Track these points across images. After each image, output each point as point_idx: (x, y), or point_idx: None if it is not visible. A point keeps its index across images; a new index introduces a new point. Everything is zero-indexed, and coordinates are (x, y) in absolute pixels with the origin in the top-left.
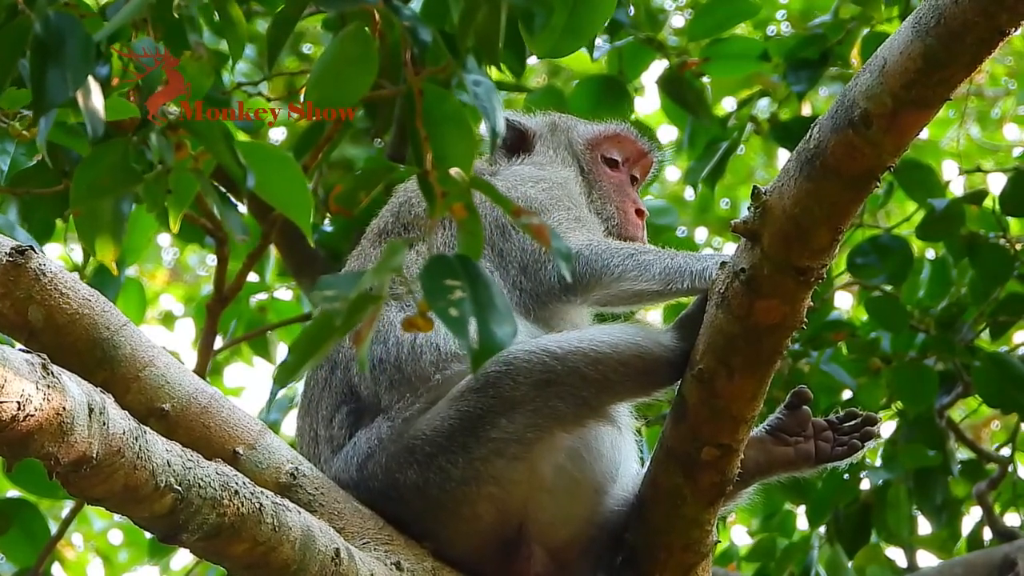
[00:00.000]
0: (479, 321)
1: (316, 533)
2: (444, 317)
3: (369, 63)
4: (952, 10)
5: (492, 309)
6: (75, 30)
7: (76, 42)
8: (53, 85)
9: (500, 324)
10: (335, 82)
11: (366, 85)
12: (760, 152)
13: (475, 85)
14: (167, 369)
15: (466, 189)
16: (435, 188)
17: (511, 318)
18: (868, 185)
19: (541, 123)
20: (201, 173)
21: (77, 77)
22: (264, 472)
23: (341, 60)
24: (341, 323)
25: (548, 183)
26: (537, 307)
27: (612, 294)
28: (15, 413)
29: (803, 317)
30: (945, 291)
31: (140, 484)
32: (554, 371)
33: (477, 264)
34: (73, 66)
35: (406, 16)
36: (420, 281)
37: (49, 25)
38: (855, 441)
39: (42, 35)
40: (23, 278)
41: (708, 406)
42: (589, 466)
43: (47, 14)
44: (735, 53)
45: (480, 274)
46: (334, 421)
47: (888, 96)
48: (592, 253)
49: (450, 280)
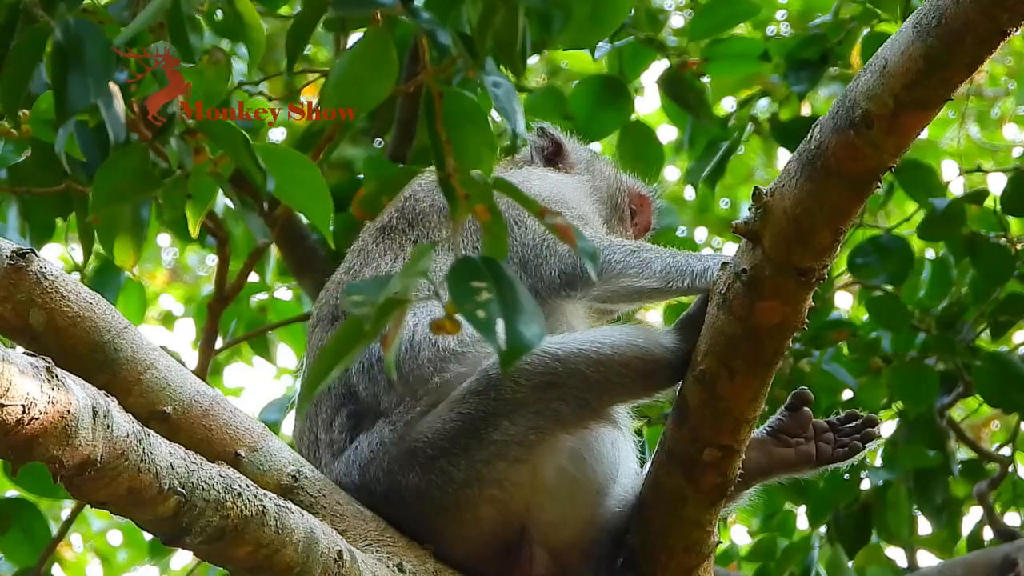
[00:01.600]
0: (507, 322)
1: (319, 535)
2: (472, 319)
3: (388, 68)
4: (953, 10)
5: (519, 309)
6: (95, 36)
7: (97, 48)
8: (75, 91)
9: (528, 324)
10: (354, 87)
11: (385, 90)
12: (760, 152)
13: (495, 87)
14: (168, 372)
15: (488, 191)
16: (458, 190)
17: (539, 318)
18: (869, 186)
19: (580, 149)
20: (221, 176)
21: (99, 83)
22: (266, 474)
23: (361, 65)
24: (369, 327)
25: (554, 181)
26: (543, 310)
27: (612, 290)
28: (20, 416)
29: (804, 318)
30: (945, 291)
31: (144, 487)
32: (556, 373)
33: (503, 265)
34: (95, 72)
35: (424, 20)
36: (447, 283)
37: (69, 31)
38: (856, 442)
39: (62, 41)
40: (24, 281)
41: (709, 407)
42: (591, 467)
43: (67, 20)
44: (735, 53)
45: (506, 275)
46: (334, 424)
47: (889, 97)
48: None
49: (476, 282)
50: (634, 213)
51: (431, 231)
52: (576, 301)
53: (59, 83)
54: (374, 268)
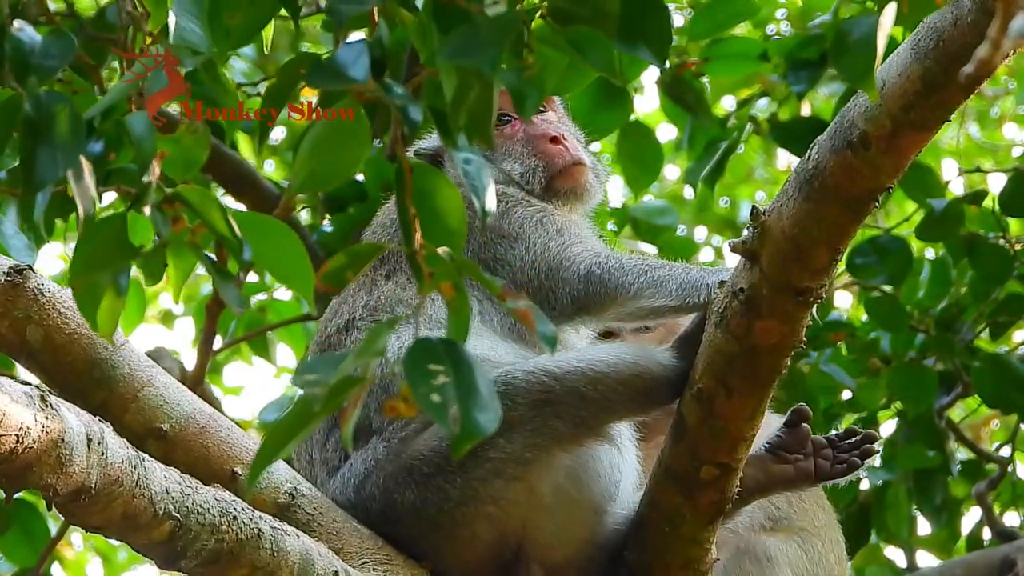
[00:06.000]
0: (461, 407)
1: (315, 557)
2: (425, 403)
3: (361, 138)
4: (951, 33)
5: (475, 395)
6: (66, 109)
7: (67, 122)
8: (43, 165)
9: (483, 410)
10: (326, 159)
11: (358, 161)
12: (760, 152)
13: (465, 163)
14: (165, 389)
15: (454, 270)
16: (423, 268)
17: (495, 403)
18: (867, 206)
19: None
20: (198, 247)
21: (68, 157)
22: (263, 492)
23: (331, 139)
24: (320, 408)
25: (540, 205)
26: None
27: (628, 312)
28: (14, 446)
29: (802, 337)
30: (945, 291)
31: (139, 512)
32: (552, 391)
33: (462, 348)
34: (63, 146)
35: (397, 95)
36: (403, 365)
37: (40, 105)
38: (855, 459)
39: (32, 115)
40: (21, 298)
41: (707, 425)
42: (587, 486)
43: (38, 94)
44: (735, 53)
45: (464, 359)
46: (328, 444)
47: (887, 118)
48: (604, 271)
49: (433, 365)
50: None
51: (403, 265)
52: (592, 325)
53: (28, 156)
54: (350, 304)
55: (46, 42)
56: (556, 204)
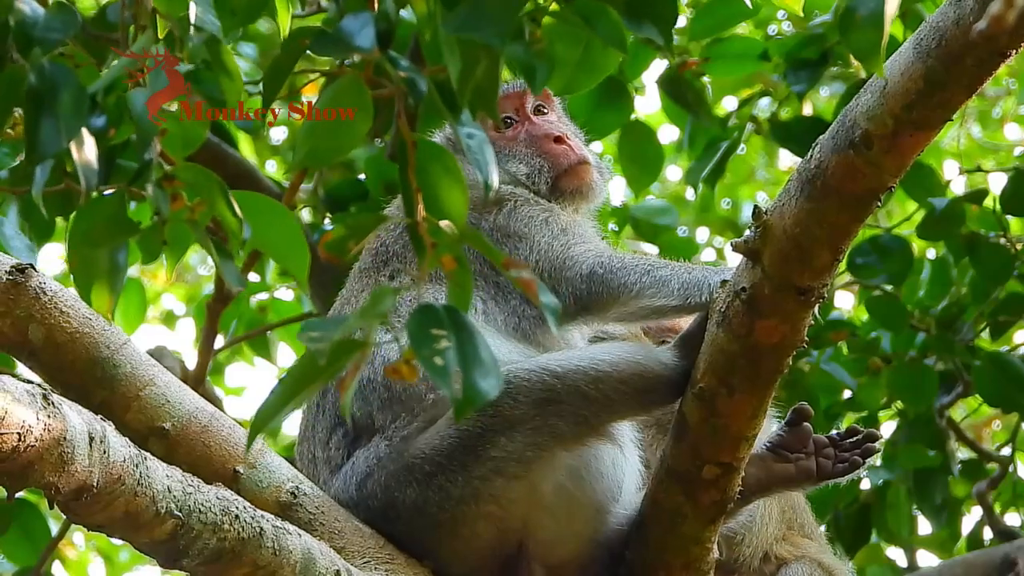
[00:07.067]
0: (464, 372)
1: (316, 556)
2: (428, 366)
3: (363, 113)
4: (953, 32)
5: (477, 360)
6: (69, 81)
7: (70, 93)
8: (46, 136)
9: (485, 376)
10: (328, 134)
11: (361, 135)
12: (760, 152)
13: (469, 138)
14: (167, 388)
15: (456, 242)
16: (425, 239)
17: (496, 370)
18: (869, 206)
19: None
20: (197, 225)
21: (70, 128)
22: (265, 491)
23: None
24: (325, 366)
25: (546, 206)
26: (540, 331)
27: (630, 312)
28: (16, 444)
29: (804, 336)
30: (945, 291)
31: (141, 511)
32: (554, 390)
33: (464, 315)
34: (66, 117)
35: (403, 67)
36: (407, 328)
37: (43, 75)
38: (856, 458)
39: (36, 85)
40: (23, 297)
41: (709, 425)
42: (589, 485)
43: (42, 64)
44: (735, 53)
45: (467, 325)
46: (330, 443)
47: (889, 117)
48: (607, 271)
49: (436, 330)
50: (512, 117)
51: (407, 266)
52: (594, 324)
53: (31, 127)
54: (353, 305)
55: (49, 15)
56: (562, 204)
